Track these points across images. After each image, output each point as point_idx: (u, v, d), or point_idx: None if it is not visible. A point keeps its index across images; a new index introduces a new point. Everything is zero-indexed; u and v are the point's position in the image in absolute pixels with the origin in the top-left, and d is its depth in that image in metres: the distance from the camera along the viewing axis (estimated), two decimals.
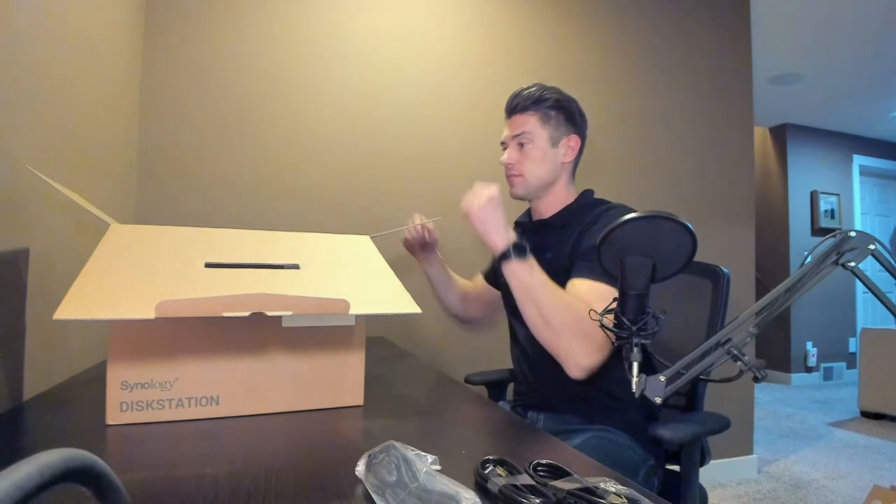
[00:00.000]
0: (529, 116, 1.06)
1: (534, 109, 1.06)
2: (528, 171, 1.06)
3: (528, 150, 1.06)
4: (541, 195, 1.10)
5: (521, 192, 1.09)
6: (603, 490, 0.44)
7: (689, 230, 0.63)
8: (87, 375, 0.95)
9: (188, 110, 1.58)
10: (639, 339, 0.65)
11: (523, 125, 1.06)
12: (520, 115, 1.07)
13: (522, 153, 1.07)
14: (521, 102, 1.07)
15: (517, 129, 1.06)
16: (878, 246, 0.58)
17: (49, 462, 0.17)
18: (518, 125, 1.06)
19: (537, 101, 1.06)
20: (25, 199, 0.78)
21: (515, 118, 1.08)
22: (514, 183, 1.09)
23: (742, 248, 2.33)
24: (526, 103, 1.06)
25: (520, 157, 1.07)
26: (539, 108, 1.06)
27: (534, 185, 1.07)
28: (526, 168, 1.06)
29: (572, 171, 1.12)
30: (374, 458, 0.48)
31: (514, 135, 1.07)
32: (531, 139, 1.05)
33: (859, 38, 2.91)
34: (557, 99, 1.07)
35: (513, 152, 1.08)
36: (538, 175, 1.07)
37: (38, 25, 0.82)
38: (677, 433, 0.87)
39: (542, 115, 1.06)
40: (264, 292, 0.64)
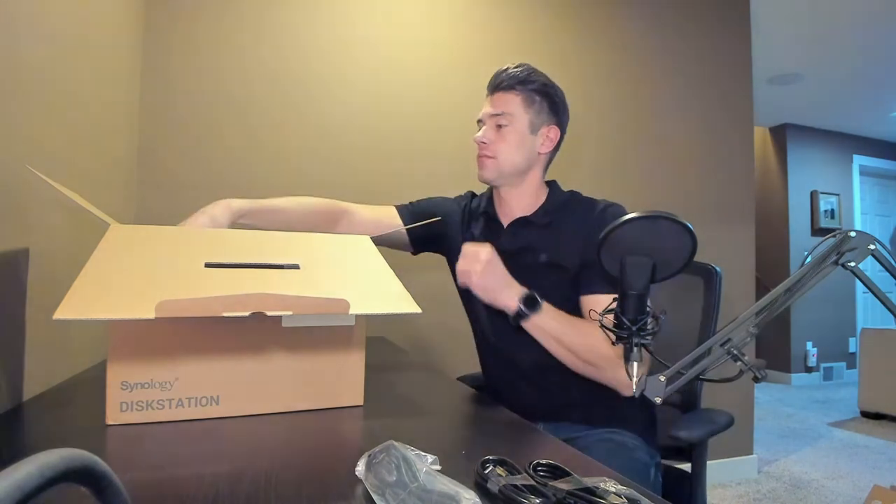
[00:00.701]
0: (513, 96, 1.00)
1: (519, 90, 1.00)
2: (503, 155, 1.00)
3: (506, 133, 1.00)
4: (512, 183, 1.04)
5: (490, 175, 1.03)
6: (603, 490, 0.44)
7: (689, 230, 0.63)
8: (87, 375, 0.95)
9: (188, 110, 1.58)
10: (639, 339, 0.65)
11: (505, 104, 1.00)
12: (503, 94, 1.01)
13: (499, 134, 1.01)
14: (505, 80, 1.01)
15: (498, 107, 1.00)
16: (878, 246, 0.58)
17: (49, 462, 0.17)
18: (499, 104, 1.00)
19: (523, 82, 1.00)
20: (25, 199, 0.78)
21: (498, 95, 1.01)
22: (486, 165, 1.02)
23: (742, 248, 2.33)
24: (511, 82, 1.00)
25: (496, 137, 1.01)
26: (524, 90, 1.00)
27: (506, 170, 1.01)
28: (500, 150, 1.00)
29: (546, 164, 1.06)
30: (374, 458, 0.48)
31: (494, 113, 1.01)
32: (511, 121, 1.00)
33: (859, 38, 2.91)
34: (544, 84, 1.02)
35: (489, 132, 1.01)
36: (512, 160, 1.01)
37: (37, 25, 0.82)
38: (694, 432, 0.87)
39: (525, 98, 1.00)
40: (264, 292, 0.64)
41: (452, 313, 1.77)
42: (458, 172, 1.87)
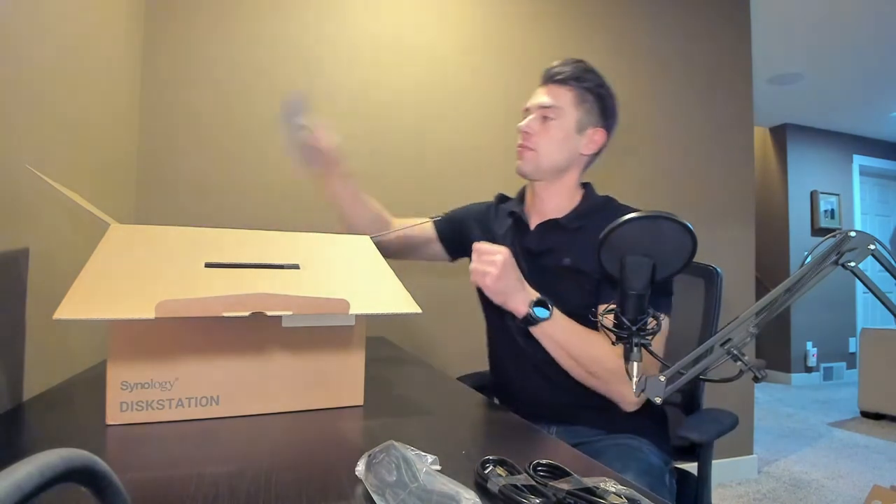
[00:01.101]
0: (565, 91, 0.98)
1: (572, 85, 0.97)
2: (544, 149, 0.97)
3: (552, 126, 0.97)
4: (548, 180, 1.01)
5: (528, 168, 1.00)
6: (603, 490, 0.44)
7: (689, 230, 0.63)
8: (87, 375, 0.95)
9: (188, 110, 1.58)
10: (639, 339, 0.65)
11: (555, 98, 0.97)
12: (555, 87, 0.98)
13: (544, 127, 0.98)
14: (560, 73, 0.98)
15: (548, 99, 0.97)
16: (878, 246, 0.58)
17: (49, 462, 0.17)
18: (551, 95, 0.98)
19: (578, 78, 0.98)
20: (25, 199, 0.78)
21: (549, 87, 0.99)
22: (524, 156, 1.00)
23: (742, 248, 2.33)
24: (565, 76, 0.97)
25: (540, 129, 0.98)
26: (577, 86, 0.98)
27: (544, 165, 0.99)
28: (542, 144, 0.97)
29: (585, 166, 1.04)
30: (374, 458, 0.48)
31: (543, 105, 0.98)
32: (558, 115, 0.97)
33: (859, 38, 2.91)
34: (599, 84, 0.99)
35: (534, 122, 0.98)
36: (552, 157, 0.98)
37: (37, 25, 0.82)
38: (704, 433, 0.87)
39: (577, 95, 0.98)
40: (264, 292, 0.64)
41: (452, 313, 1.77)
42: (459, 172, 1.87)
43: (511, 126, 2.00)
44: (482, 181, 1.88)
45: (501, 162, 1.91)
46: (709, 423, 0.92)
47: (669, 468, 0.94)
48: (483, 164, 1.90)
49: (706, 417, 0.97)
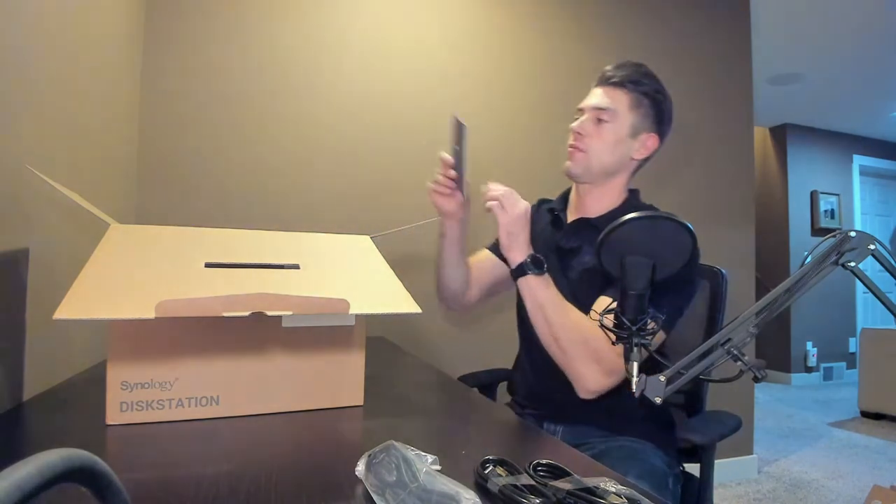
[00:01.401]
0: (622, 94, 0.97)
1: (629, 89, 0.97)
2: (595, 151, 0.97)
3: (605, 129, 0.96)
4: (596, 183, 1.00)
5: (577, 170, 0.99)
6: (603, 490, 0.44)
7: (689, 230, 0.63)
8: (87, 375, 0.95)
9: (188, 110, 1.58)
10: (639, 339, 0.65)
11: (611, 100, 0.96)
12: (611, 89, 0.97)
13: (597, 128, 0.97)
14: (617, 76, 0.97)
15: (603, 101, 0.97)
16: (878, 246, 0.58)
17: (49, 462, 0.17)
18: (607, 97, 0.97)
19: (635, 82, 0.97)
20: (25, 199, 0.78)
21: (606, 89, 0.98)
22: (575, 157, 0.99)
23: (742, 248, 2.33)
24: (622, 79, 0.97)
25: (593, 131, 0.97)
26: (634, 90, 0.97)
27: (595, 168, 0.98)
28: (593, 146, 0.97)
29: (634, 171, 1.03)
30: (374, 458, 0.48)
31: (598, 106, 0.97)
32: (613, 118, 0.96)
33: (859, 38, 2.91)
34: (656, 90, 0.98)
35: (588, 123, 0.97)
36: (603, 160, 0.97)
37: (37, 25, 0.82)
38: (706, 436, 0.87)
39: (633, 99, 0.97)
40: (264, 292, 0.64)
41: (452, 313, 1.77)
42: None
43: (513, 126, 2.01)
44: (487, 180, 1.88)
45: (505, 162, 1.91)
46: (711, 425, 0.91)
47: (675, 473, 0.93)
48: (489, 165, 1.90)
49: (709, 419, 0.97)
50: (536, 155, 1.96)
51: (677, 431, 0.91)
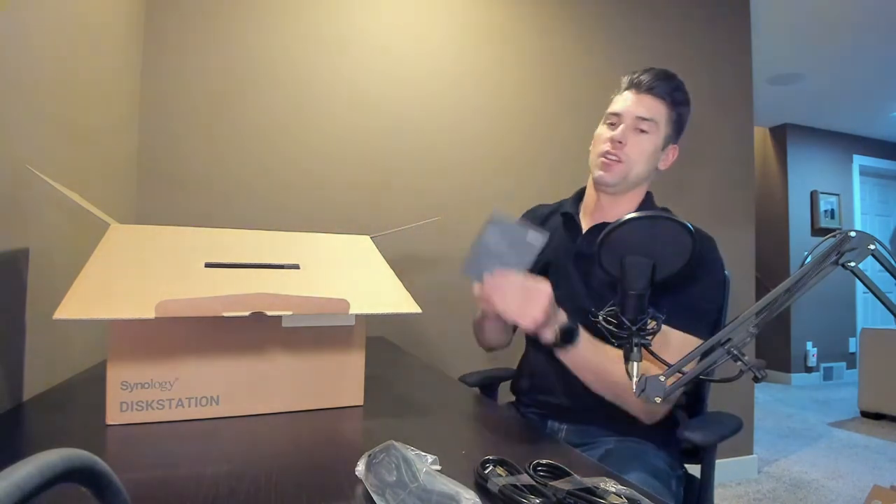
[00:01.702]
0: (662, 105, 0.94)
1: (668, 100, 0.94)
2: (633, 161, 0.94)
3: (645, 140, 0.93)
4: (622, 192, 0.99)
5: (615, 179, 0.95)
6: (603, 490, 0.44)
7: (689, 230, 0.63)
8: (87, 375, 0.95)
9: (188, 110, 1.58)
10: (639, 339, 0.65)
11: (653, 110, 0.93)
12: (652, 98, 0.94)
13: (637, 139, 0.94)
14: (658, 85, 0.94)
15: (646, 111, 0.93)
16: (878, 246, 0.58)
17: (49, 462, 0.17)
18: (648, 107, 0.93)
19: (673, 93, 0.94)
20: (25, 199, 0.78)
21: (647, 98, 0.94)
22: (612, 168, 0.94)
23: (742, 248, 2.33)
24: (663, 89, 0.94)
25: (633, 140, 0.94)
26: (671, 101, 0.95)
27: (631, 178, 0.95)
28: (633, 156, 0.93)
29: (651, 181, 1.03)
30: (374, 458, 0.48)
31: (642, 117, 0.93)
32: (654, 130, 0.93)
33: (859, 38, 2.91)
34: (685, 101, 0.96)
35: (629, 133, 0.94)
36: (639, 171, 0.95)
37: (37, 25, 0.82)
38: (707, 437, 0.87)
39: (672, 110, 0.95)
40: (264, 292, 0.64)
41: (452, 313, 1.77)
42: (459, 171, 1.87)
43: (516, 127, 2.01)
44: (487, 181, 1.88)
45: (508, 163, 1.91)
46: (712, 426, 0.91)
47: (678, 474, 0.93)
48: (493, 167, 1.90)
49: (710, 420, 0.97)
50: (540, 156, 1.96)
51: (679, 431, 0.90)
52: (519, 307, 0.74)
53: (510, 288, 0.75)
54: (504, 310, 0.74)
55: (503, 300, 0.74)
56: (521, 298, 0.75)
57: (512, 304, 0.74)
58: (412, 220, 1.70)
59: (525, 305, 0.74)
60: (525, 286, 0.75)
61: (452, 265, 1.49)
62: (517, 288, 0.75)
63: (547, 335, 0.80)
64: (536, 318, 0.74)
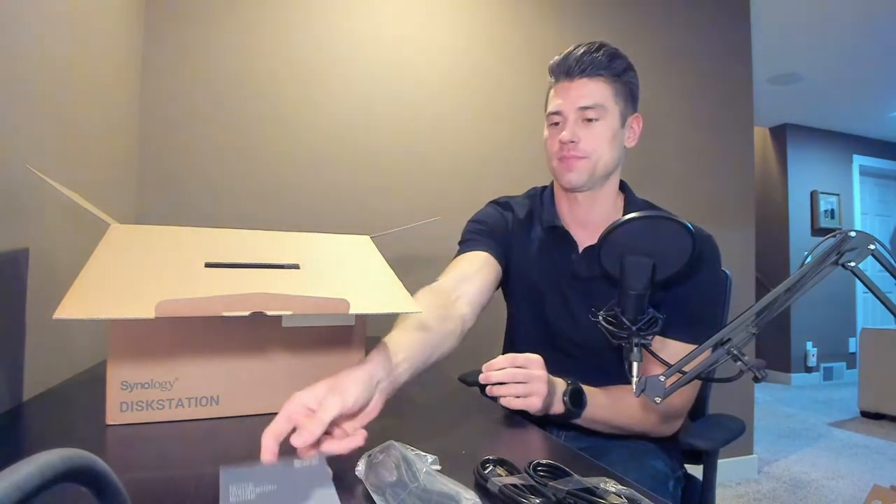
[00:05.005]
0: (602, 84, 0.84)
1: (606, 76, 0.84)
2: (597, 154, 0.85)
3: (598, 128, 0.84)
4: (596, 188, 0.90)
5: (581, 180, 0.87)
6: (603, 490, 0.44)
7: (689, 230, 0.63)
8: (87, 375, 0.95)
9: (188, 110, 1.58)
10: (639, 339, 0.65)
11: (593, 94, 0.83)
12: (588, 80, 0.84)
13: (589, 130, 0.85)
14: (589, 63, 0.83)
15: (585, 98, 0.84)
16: (878, 246, 0.58)
17: (49, 462, 0.17)
18: (585, 93, 0.84)
19: (610, 66, 0.84)
20: (25, 199, 0.78)
21: (582, 83, 0.84)
22: (576, 167, 0.86)
23: (742, 248, 2.33)
24: (597, 66, 0.83)
25: (586, 134, 0.85)
26: (610, 75, 0.84)
27: (599, 172, 0.87)
28: (594, 149, 0.85)
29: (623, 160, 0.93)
30: (374, 458, 0.48)
31: (582, 106, 0.84)
32: (603, 114, 0.84)
33: (859, 38, 2.91)
34: (629, 66, 0.86)
35: (577, 128, 0.85)
36: (606, 160, 0.86)
37: (37, 25, 0.82)
38: (710, 441, 0.87)
39: (615, 85, 0.84)
40: (264, 292, 0.64)
41: None
42: (459, 171, 1.87)
43: (518, 129, 2.00)
44: (487, 181, 1.88)
45: (510, 164, 1.91)
46: (715, 430, 0.91)
47: (676, 476, 0.92)
48: (496, 168, 1.90)
49: (712, 424, 0.96)
50: (540, 157, 1.96)
51: (681, 435, 0.90)
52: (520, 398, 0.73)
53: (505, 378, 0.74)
54: (508, 404, 0.73)
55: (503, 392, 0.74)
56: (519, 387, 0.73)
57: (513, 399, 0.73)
58: (412, 220, 1.70)
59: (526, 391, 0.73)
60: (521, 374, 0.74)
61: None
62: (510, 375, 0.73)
63: (555, 408, 0.79)
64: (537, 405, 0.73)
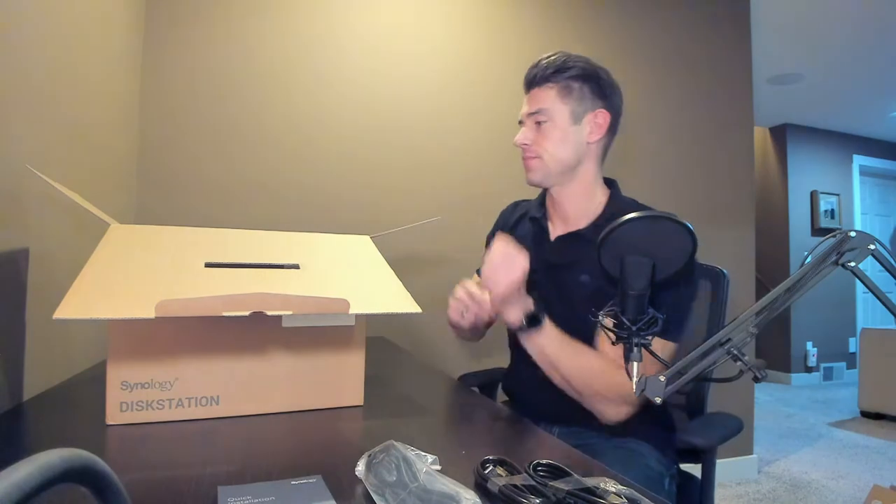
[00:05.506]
0: (548, 90, 0.95)
1: (553, 81, 0.94)
2: (547, 153, 0.95)
3: (546, 129, 0.95)
4: (563, 182, 0.98)
5: (538, 177, 0.97)
6: (603, 490, 0.44)
7: (689, 230, 0.63)
8: (87, 375, 0.95)
9: (188, 110, 1.58)
10: (639, 339, 0.65)
11: (541, 101, 0.95)
12: (537, 90, 0.96)
13: (540, 132, 0.95)
14: (539, 74, 0.95)
15: (534, 105, 0.96)
16: (878, 246, 0.58)
17: (49, 462, 0.17)
18: (535, 101, 0.95)
19: (558, 72, 0.94)
20: (25, 199, 0.78)
21: (533, 93, 0.97)
22: (531, 166, 0.97)
23: (742, 248, 2.33)
24: (544, 74, 0.95)
25: (537, 136, 0.95)
26: (559, 80, 0.94)
27: (554, 169, 0.96)
28: (544, 149, 0.95)
29: (601, 154, 1.00)
30: (374, 458, 0.48)
31: (530, 112, 0.96)
32: (549, 116, 0.94)
33: (859, 38, 2.91)
34: (583, 68, 0.95)
35: (528, 131, 0.96)
36: (558, 157, 0.95)
37: (37, 25, 0.82)
38: (708, 439, 0.87)
39: (562, 88, 0.94)
40: (264, 292, 0.64)
41: None
42: (459, 171, 1.87)
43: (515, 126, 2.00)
44: (487, 180, 1.88)
45: (512, 163, 1.91)
46: (713, 428, 0.91)
47: (671, 473, 0.93)
48: (491, 165, 1.90)
49: (710, 422, 0.97)
50: None
51: (679, 434, 0.90)
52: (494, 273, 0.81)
53: (493, 254, 0.81)
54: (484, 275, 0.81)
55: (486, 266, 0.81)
56: (498, 265, 0.81)
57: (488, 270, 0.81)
58: (412, 220, 1.70)
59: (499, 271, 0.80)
60: (506, 252, 0.81)
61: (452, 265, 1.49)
62: (499, 253, 0.81)
63: (512, 315, 0.83)
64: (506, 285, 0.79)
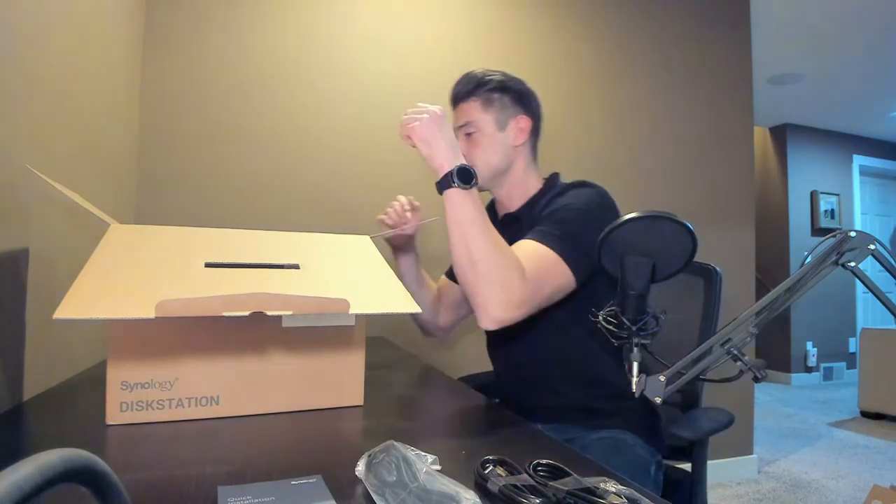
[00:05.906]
0: (471, 103, 1.03)
1: (475, 95, 1.03)
2: (479, 161, 1.01)
3: (476, 139, 1.02)
4: (499, 184, 1.06)
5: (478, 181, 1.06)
6: (603, 490, 0.44)
7: (689, 230, 0.63)
8: (87, 375, 0.95)
9: (188, 110, 1.58)
10: (639, 339, 0.65)
11: (466, 114, 1.03)
12: (462, 104, 1.04)
13: (470, 143, 1.03)
14: (462, 90, 1.04)
15: (460, 119, 1.03)
16: (878, 246, 0.58)
17: (49, 462, 0.17)
18: (462, 115, 1.03)
19: (478, 86, 1.02)
20: (25, 199, 0.78)
21: (459, 108, 1.05)
22: None
23: (742, 248, 2.33)
24: (465, 90, 1.03)
25: (468, 147, 1.03)
26: (479, 93, 1.02)
27: (486, 174, 1.02)
28: (476, 157, 1.02)
29: (530, 155, 1.07)
30: (374, 458, 0.48)
31: (459, 126, 1.03)
32: (477, 126, 1.02)
33: (859, 38, 2.91)
34: (500, 80, 1.03)
35: (461, 144, 1.02)
36: (489, 163, 1.02)
37: (37, 25, 0.82)
38: (696, 431, 0.87)
39: (483, 100, 1.02)
40: (264, 292, 0.64)
41: None
42: None
43: None
44: None
45: None
46: (702, 421, 0.91)
47: (657, 460, 0.95)
48: None
49: (700, 415, 0.97)
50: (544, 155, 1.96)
51: (669, 428, 0.90)
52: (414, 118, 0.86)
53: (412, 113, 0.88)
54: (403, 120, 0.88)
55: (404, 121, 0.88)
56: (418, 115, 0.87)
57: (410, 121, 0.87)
58: None
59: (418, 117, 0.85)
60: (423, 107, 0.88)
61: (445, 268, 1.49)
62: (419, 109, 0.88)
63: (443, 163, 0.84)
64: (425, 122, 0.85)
